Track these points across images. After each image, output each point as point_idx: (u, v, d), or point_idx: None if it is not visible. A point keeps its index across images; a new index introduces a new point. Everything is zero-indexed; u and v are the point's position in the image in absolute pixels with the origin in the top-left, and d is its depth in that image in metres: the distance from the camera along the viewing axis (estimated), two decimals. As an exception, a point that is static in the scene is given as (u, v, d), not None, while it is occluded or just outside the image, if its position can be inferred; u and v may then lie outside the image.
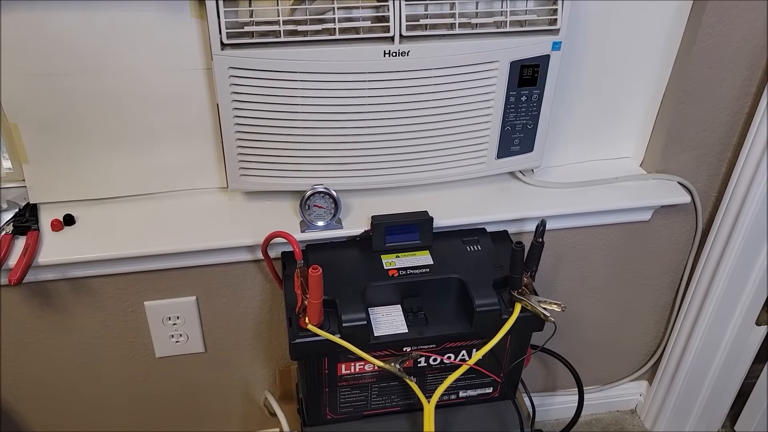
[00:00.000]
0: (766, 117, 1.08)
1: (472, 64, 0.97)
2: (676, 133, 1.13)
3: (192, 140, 1.04)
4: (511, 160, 1.10)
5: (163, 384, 1.24)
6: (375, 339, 0.93)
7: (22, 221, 1.01)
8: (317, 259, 1.00)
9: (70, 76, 0.94)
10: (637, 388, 1.56)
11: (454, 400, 1.07)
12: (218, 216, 1.06)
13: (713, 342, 1.34)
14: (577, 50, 1.05)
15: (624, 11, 1.04)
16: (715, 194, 1.24)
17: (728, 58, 1.06)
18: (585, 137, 1.18)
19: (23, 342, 1.11)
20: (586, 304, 1.34)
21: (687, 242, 1.29)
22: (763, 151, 1.09)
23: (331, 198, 1.02)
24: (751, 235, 1.18)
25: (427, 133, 1.02)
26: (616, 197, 1.14)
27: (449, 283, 0.98)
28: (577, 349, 1.42)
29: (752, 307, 1.28)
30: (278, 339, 1.23)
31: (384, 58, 0.93)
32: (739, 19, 1.02)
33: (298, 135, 0.99)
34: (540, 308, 0.93)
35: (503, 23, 0.95)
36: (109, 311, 1.11)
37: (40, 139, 0.99)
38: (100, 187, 1.06)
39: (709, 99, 1.10)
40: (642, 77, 1.12)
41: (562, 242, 1.22)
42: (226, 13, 0.87)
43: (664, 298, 1.38)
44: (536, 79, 1.01)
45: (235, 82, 0.93)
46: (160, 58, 0.95)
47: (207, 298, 1.13)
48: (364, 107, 0.97)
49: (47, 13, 0.88)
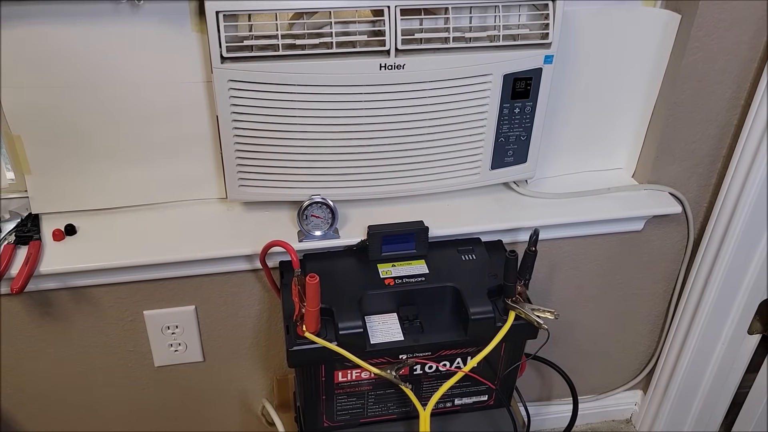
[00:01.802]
0: (754, 129, 1.10)
1: (466, 77, 0.99)
2: (666, 144, 1.15)
3: (191, 152, 1.06)
4: (505, 171, 1.11)
5: (162, 393, 1.24)
6: (371, 346, 0.94)
7: (24, 231, 1.02)
8: (314, 268, 1.01)
9: (72, 89, 0.96)
10: (632, 397, 1.56)
11: (450, 407, 1.08)
12: (217, 226, 1.07)
13: (706, 351, 1.35)
14: (569, 64, 1.08)
15: (614, 25, 1.06)
16: (705, 204, 1.25)
17: (716, 71, 1.08)
18: (577, 149, 1.19)
19: (23, 350, 1.12)
20: (581, 313, 1.36)
21: (679, 252, 1.30)
22: (751, 162, 1.11)
23: (328, 208, 1.04)
24: (742, 244, 1.19)
25: (423, 145, 1.04)
26: (608, 207, 1.16)
27: (444, 291, 1.00)
28: (572, 358, 1.43)
29: (744, 315, 1.30)
30: (276, 348, 1.24)
31: (380, 71, 0.95)
32: (727, 33, 1.04)
33: (296, 146, 1.00)
34: (533, 316, 0.95)
35: (496, 37, 0.97)
36: (109, 320, 1.12)
37: (43, 150, 1.00)
38: (101, 198, 1.07)
39: (698, 111, 1.13)
40: (633, 90, 1.14)
41: (556, 252, 1.23)
42: (226, 27, 0.89)
43: (657, 307, 1.39)
44: (529, 92, 1.03)
45: (234, 94, 0.95)
46: (161, 72, 0.97)
47: (206, 307, 1.14)
48: (361, 119, 0.99)
49: (51, 27, 0.90)
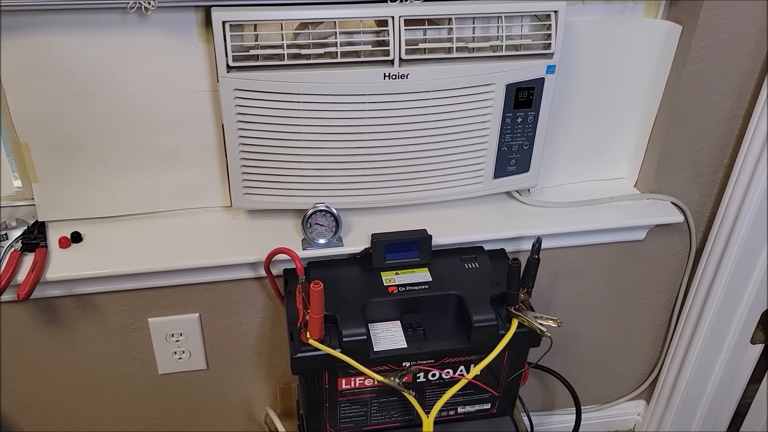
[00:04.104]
0: (755, 139, 1.10)
1: (470, 86, 1.00)
2: (668, 154, 1.16)
3: (197, 160, 1.07)
4: (507, 180, 1.12)
5: (166, 401, 1.25)
6: (375, 354, 0.94)
7: (31, 238, 1.03)
8: (318, 275, 1.01)
9: (79, 98, 0.97)
10: (635, 407, 1.56)
11: (453, 416, 1.09)
12: (222, 234, 1.08)
13: (709, 361, 1.35)
14: (571, 74, 1.08)
15: (616, 36, 1.07)
16: (708, 214, 1.26)
17: (718, 81, 1.09)
18: (579, 158, 1.20)
19: (28, 357, 1.13)
20: (584, 322, 1.36)
21: (681, 261, 1.31)
22: (753, 171, 1.12)
23: (332, 216, 1.04)
24: (744, 254, 1.20)
25: (426, 154, 1.05)
26: (610, 217, 1.16)
27: (448, 299, 1.00)
28: (575, 367, 1.43)
29: (747, 325, 1.30)
30: (279, 356, 1.24)
31: (384, 80, 0.96)
32: (728, 44, 1.05)
33: (301, 155, 1.01)
34: (536, 324, 0.95)
35: (499, 47, 0.98)
36: (114, 327, 1.12)
37: (50, 158, 1.01)
38: (107, 206, 1.08)
39: (700, 121, 1.13)
40: (634, 100, 1.15)
41: (559, 261, 1.24)
42: (233, 37, 0.90)
43: (660, 317, 1.40)
44: (531, 102, 1.04)
45: (240, 103, 0.95)
46: (167, 81, 0.98)
47: (210, 315, 1.15)
48: (365, 128, 1.00)
49: (59, 36, 0.91)
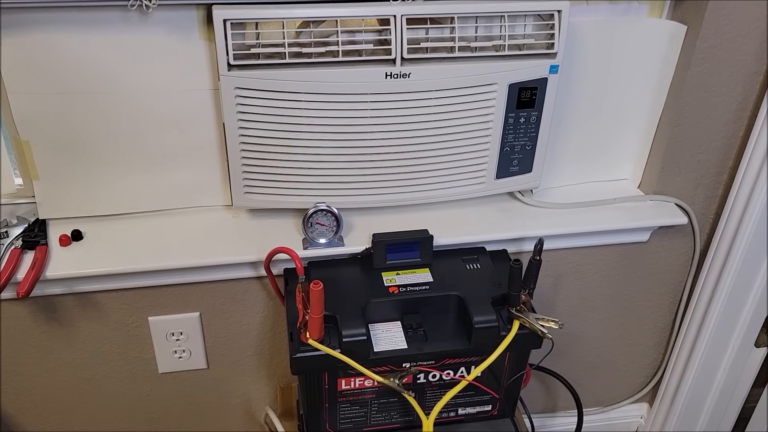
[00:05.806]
0: (760, 140, 1.09)
1: (472, 86, 0.99)
2: (672, 155, 1.15)
3: (198, 159, 1.06)
4: (510, 181, 1.12)
5: (165, 400, 1.24)
6: (375, 354, 0.94)
7: (31, 236, 1.03)
8: (319, 275, 1.01)
9: (80, 96, 0.97)
10: (638, 410, 1.55)
11: (453, 417, 1.08)
12: (223, 233, 1.08)
13: (712, 364, 1.34)
14: (575, 73, 1.08)
15: (620, 36, 1.06)
16: (712, 216, 1.25)
17: (722, 82, 1.08)
18: (583, 159, 1.19)
19: (27, 355, 1.12)
20: (587, 324, 1.35)
21: (685, 263, 1.30)
22: (758, 173, 1.11)
23: (333, 216, 1.04)
24: (749, 256, 1.19)
25: (428, 154, 1.04)
26: (614, 218, 1.15)
27: (449, 300, 0.99)
28: (578, 370, 1.42)
29: (751, 328, 1.29)
30: (279, 356, 1.24)
31: (386, 79, 0.95)
32: (733, 44, 1.04)
33: (302, 154, 1.01)
34: (538, 325, 0.95)
35: (502, 47, 0.97)
36: (114, 326, 1.12)
37: (51, 156, 1.01)
38: (108, 204, 1.08)
39: (704, 122, 1.12)
40: (638, 100, 1.14)
41: (562, 262, 1.23)
42: (234, 35, 0.90)
43: (663, 319, 1.39)
44: (534, 102, 1.03)
45: (241, 102, 0.95)
46: (168, 79, 0.98)
47: (210, 314, 1.15)
48: (366, 128, 1.00)
49: (60, 34, 0.91)
